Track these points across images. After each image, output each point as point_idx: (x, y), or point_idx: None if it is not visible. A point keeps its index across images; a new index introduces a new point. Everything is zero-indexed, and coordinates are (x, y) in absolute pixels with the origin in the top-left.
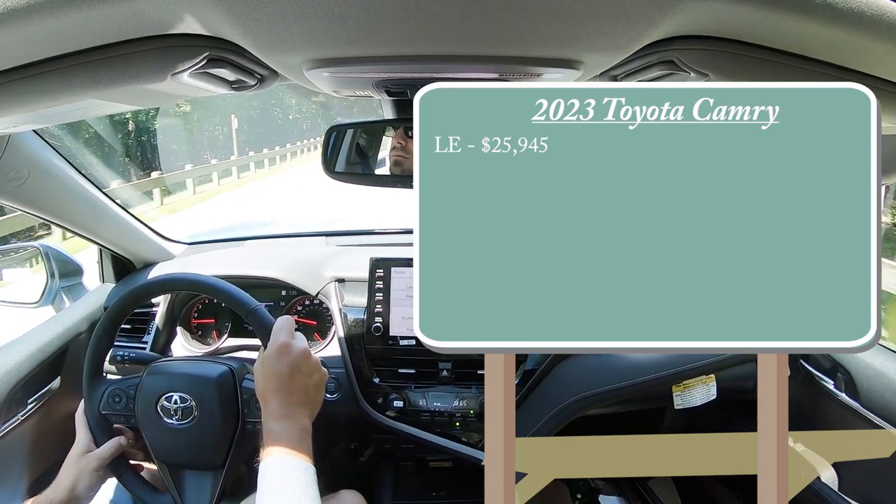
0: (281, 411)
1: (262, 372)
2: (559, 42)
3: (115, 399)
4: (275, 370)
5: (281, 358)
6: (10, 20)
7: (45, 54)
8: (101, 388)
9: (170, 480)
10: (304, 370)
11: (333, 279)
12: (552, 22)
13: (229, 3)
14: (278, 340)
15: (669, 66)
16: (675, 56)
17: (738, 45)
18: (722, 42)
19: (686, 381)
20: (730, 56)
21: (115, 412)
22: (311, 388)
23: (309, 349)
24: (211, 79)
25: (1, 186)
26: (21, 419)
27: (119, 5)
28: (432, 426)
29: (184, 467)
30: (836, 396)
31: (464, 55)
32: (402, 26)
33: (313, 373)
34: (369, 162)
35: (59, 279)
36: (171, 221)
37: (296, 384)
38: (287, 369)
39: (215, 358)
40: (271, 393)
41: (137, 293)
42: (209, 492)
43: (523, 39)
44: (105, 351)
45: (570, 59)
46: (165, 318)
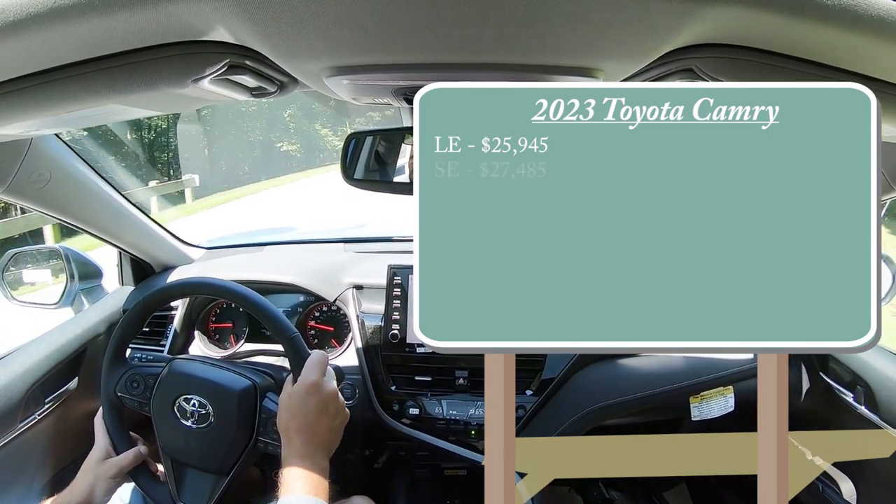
0: (303, 451)
1: (289, 406)
2: (579, 50)
3: (134, 384)
4: (302, 407)
5: (310, 397)
6: (33, 25)
7: (67, 59)
8: (121, 370)
9: (171, 473)
10: (330, 411)
11: (351, 285)
12: (572, 30)
13: (250, 11)
14: (310, 378)
15: (688, 75)
16: (695, 64)
17: (757, 53)
18: (741, 50)
19: (704, 393)
20: (749, 64)
21: (130, 396)
22: (333, 429)
23: (337, 390)
24: (231, 85)
25: (23, 189)
26: (38, 418)
27: (141, 12)
28: (448, 434)
29: (188, 466)
30: (855, 409)
31: (483, 63)
32: (422, 34)
33: (337, 414)
34: (388, 169)
35: (79, 281)
36: (221, 212)
37: (320, 425)
38: (314, 409)
39: (239, 366)
40: (295, 431)
41: (182, 289)
42: (208, 493)
43: (543, 48)
44: (133, 335)
45: (590, 67)
46: (183, 321)
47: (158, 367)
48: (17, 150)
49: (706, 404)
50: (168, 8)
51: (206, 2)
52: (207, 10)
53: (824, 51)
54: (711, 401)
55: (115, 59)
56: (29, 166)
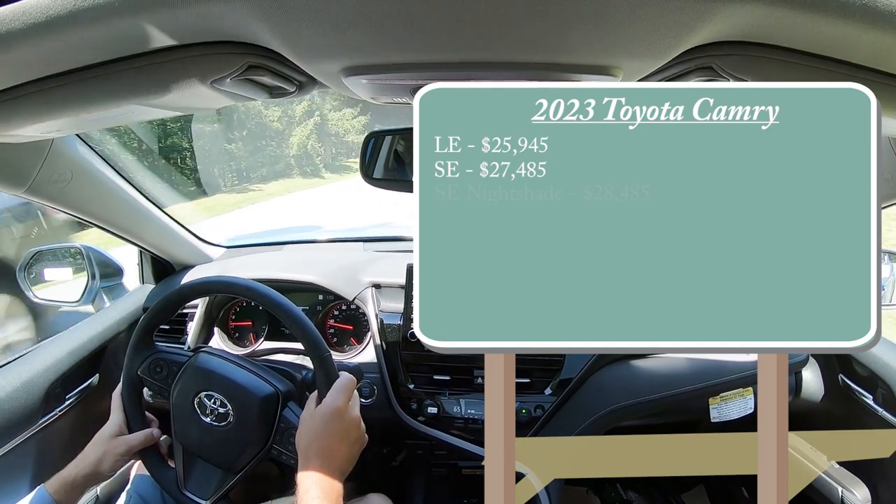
0: (320, 474)
1: (311, 428)
2: (598, 49)
3: (158, 368)
4: (324, 430)
5: (334, 421)
6: (55, 28)
7: (87, 61)
8: (146, 353)
9: (181, 459)
10: (351, 438)
11: (370, 284)
12: (592, 28)
13: (269, 12)
14: (336, 403)
15: (708, 73)
16: (714, 62)
17: (776, 51)
18: (760, 47)
19: (723, 394)
20: (768, 61)
21: (152, 380)
22: (352, 455)
23: (360, 418)
24: (250, 85)
25: (44, 188)
26: (59, 414)
27: (161, 15)
28: (466, 433)
29: (199, 457)
30: (875, 412)
31: (501, 62)
32: (439, 33)
33: (357, 441)
34: (407, 169)
35: (100, 279)
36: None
37: (340, 450)
38: (337, 434)
39: (262, 368)
40: (315, 453)
41: (216, 286)
42: (215, 487)
43: (562, 46)
44: (163, 321)
45: (609, 65)
46: (203, 319)
47: (184, 356)
48: (39, 150)
49: (725, 406)
50: (187, 10)
51: (226, 4)
52: (227, 11)
53: (844, 48)
54: (731, 402)
55: (134, 60)
56: (50, 166)
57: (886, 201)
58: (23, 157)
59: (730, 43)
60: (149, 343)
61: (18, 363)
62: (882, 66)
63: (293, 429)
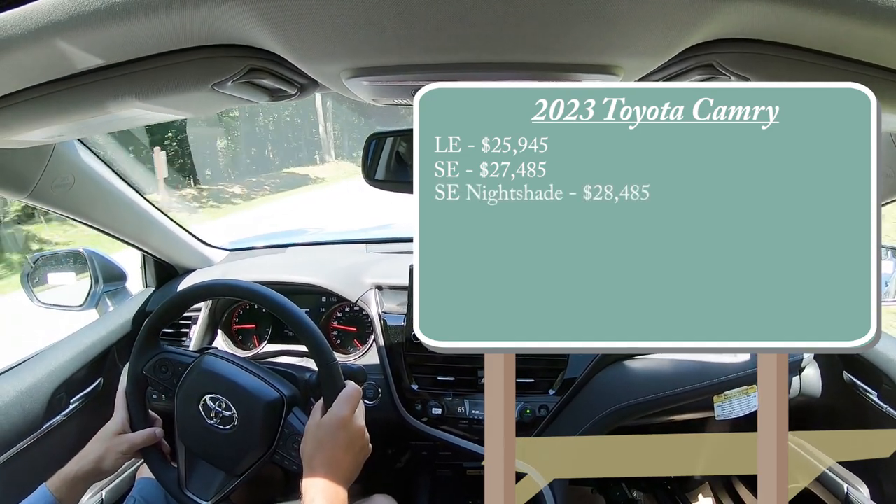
0: (325, 483)
1: (316, 437)
2: (599, 48)
3: (163, 368)
4: (329, 441)
5: (339, 432)
6: (54, 33)
7: (89, 65)
8: (152, 352)
9: (183, 460)
10: (356, 447)
11: (373, 286)
12: (592, 27)
13: (270, 15)
14: (341, 413)
15: (709, 70)
16: (715, 60)
17: (777, 48)
18: (761, 45)
19: (728, 392)
20: (769, 59)
21: (156, 379)
22: (356, 464)
23: (365, 428)
24: (252, 88)
25: (47, 193)
26: (63, 419)
27: (163, 19)
28: (470, 433)
29: (202, 458)
30: (879, 408)
31: (502, 62)
32: (440, 35)
33: (362, 451)
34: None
35: (103, 283)
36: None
37: (345, 459)
38: (342, 445)
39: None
40: (319, 463)
41: (223, 289)
42: (216, 488)
43: (563, 46)
44: (169, 321)
45: (610, 64)
46: (207, 322)
47: (189, 356)
48: (41, 155)
49: (730, 404)
50: (189, 14)
51: (227, 7)
52: (228, 15)
53: (845, 44)
54: (735, 400)
55: (136, 64)
56: (52, 171)
57: (887, 198)
58: (25, 162)
59: (730, 41)
60: (154, 343)
61: (22, 368)
62: (883, 62)
63: (297, 435)
